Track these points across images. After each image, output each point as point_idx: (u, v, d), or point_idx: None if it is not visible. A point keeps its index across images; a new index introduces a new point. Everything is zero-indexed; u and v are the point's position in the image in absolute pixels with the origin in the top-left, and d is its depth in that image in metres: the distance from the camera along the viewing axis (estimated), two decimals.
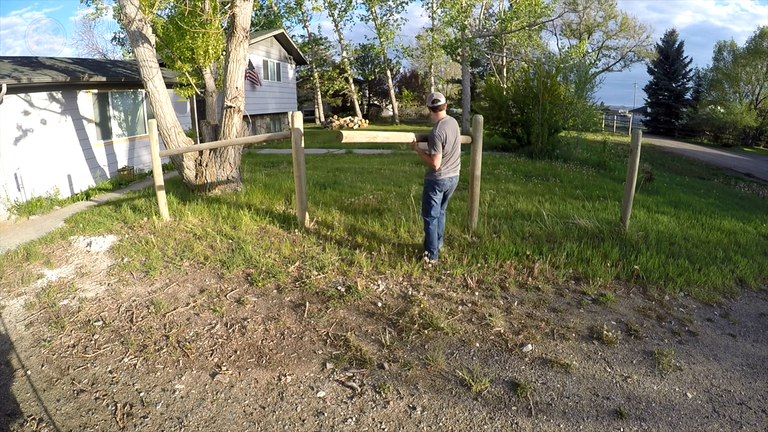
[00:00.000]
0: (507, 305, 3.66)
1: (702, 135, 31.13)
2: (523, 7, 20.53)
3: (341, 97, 31.19)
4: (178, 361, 3.02)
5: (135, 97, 9.62)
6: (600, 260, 4.39)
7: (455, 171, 4.22)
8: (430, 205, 4.23)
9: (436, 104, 4.02)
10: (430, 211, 4.25)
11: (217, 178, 6.93)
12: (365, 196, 6.70)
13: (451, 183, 4.22)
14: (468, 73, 23.79)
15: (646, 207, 6.69)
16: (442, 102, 4.03)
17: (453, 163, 4.16)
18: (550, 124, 11.92)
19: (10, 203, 6.58)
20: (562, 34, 34.75)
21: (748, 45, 30.09)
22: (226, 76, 6.59)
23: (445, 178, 4.14)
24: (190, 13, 8.84)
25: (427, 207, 4.25)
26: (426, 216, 4.29)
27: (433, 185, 4.18)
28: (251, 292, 3.93)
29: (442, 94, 4.06)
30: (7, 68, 7.02)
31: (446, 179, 4.16)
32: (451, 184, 4.25)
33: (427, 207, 4.26)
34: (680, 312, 3.62)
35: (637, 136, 4.88)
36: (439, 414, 2.52)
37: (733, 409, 2.56)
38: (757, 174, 16.69)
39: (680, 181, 11.55)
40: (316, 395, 2.68)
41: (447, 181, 4.17)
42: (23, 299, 3.91)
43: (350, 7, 26.95)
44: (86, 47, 38.49)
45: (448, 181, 4.18)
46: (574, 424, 2.44)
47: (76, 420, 2.51)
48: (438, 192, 4.20)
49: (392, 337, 3.21)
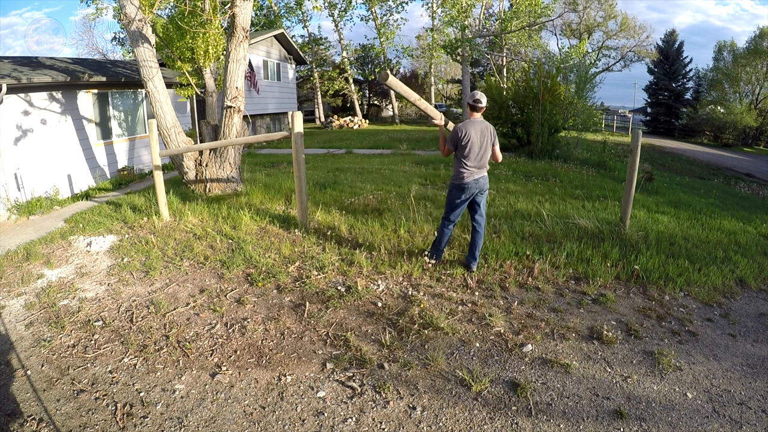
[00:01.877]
0: (507, 305, 3.66)
1: (702, 135, 31.14)
2: (523, 7, 20.54)
3: (341, 97, 31.21)
4: (178, 361, 3.02)
5: (135, 97, 9.62)
6: (600, 260, 4.39)
7: (481, 172, 3.98)
8: (452, 208, 4.08)
9: (477, 103, 3.86)
10: (450, 215, 4.11)
11: (217, 178, 6.93)
12: (365, 196, 6.69)
13: (477, 185, 3.96)
14: (468, 73, 23.80)
15: (646, 207, 6.68)
16: (483, 104, 3.86)
17: (477, 165, 3.92)
18: (550, 124, 11.92)
19: (10, 203, 6.57)
20: (562, 34, 34.78)
21: (748, 45, 30.12)
22: (226, 76, 6.59)
23: (470, 180, 3.92)
24: (190, 13, 8.84)
25: (449, 210, 4.10)
26: (444, 218, 4.16)
27: (458, 188, 3.99)
28: (251, 292, 3.93)
29: (484, 96, 3.91)
30: (7, 68, 7.02)
31: (471, 182, 3.93)
32: (478, 187, 3.98)
33: (449, 210, 4.11)
34: (680, 312, 3.62)
35: (637, 136, 4.88)
36: (439, 414, 2.52)
37: (733, 409, 2.56)
38: (757, 174, 16.69)
39: (680, 181, 11.55)
40: (316, 395, 2.67)
41: (472, 183, 3.93)
42: (23, 299, 3.91)
43: (350, 7, 26.99)
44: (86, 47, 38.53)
45: (473, 183, 3.94)
46: (574, 424, 2.44)
47: (76, 420, 2.51)
48: (464, 196, 3.98)
49: (392, 337, 3.21)
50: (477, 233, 4.17)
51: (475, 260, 4.23)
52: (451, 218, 4.14)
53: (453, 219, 4.14)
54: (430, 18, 26.69)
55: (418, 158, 11.53)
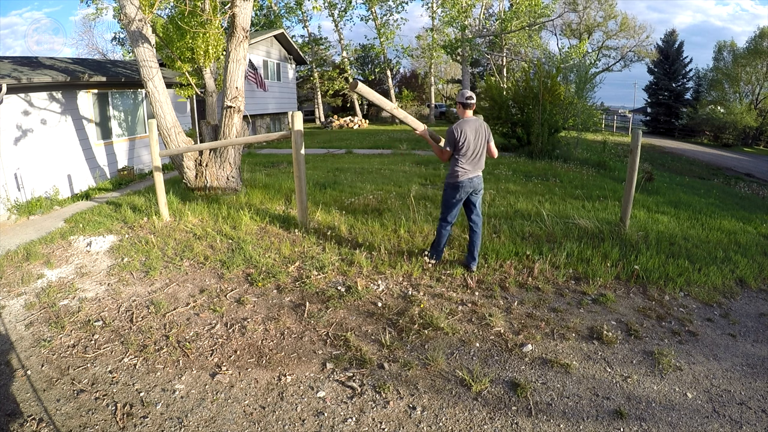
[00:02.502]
0: (507, 305, 3.66)
1: (702, 135, 31.14)
2: (523, 7, 20.55)
3: (341, 97, 31.21)
4: (178, 361, 3.02)
5: (135, 97, 9.62)
6: (600, 260, 4.39)
7: (476, 171, 3.99)
8: (448, 208, 4.07)
9: (469, 101, 3.88)
10: (447, 215, 4.10)
11: (217, 178, 6.92)
12: (365, 196, 6.69)
13: (471, 184, 3.99)
14: (468, 73, 23.81)
15: (646, 207, 6.68)
16: (474, 100, 3.91)
17: (473, 163, 3.94)
18: (550, 124, 11.92)
19: (10, 203, 6.57)
20: (562, 34, 34.79)
21: (748, 45, 30.13)
22: (226, 76, 6.59)
23: (464, 179, 3.94)
24: (190, 13, 8.84)
25: (445, 210, 4.09)
26: (442, 219, 4.15)
27: (452, 187, 3.99)
28: (251, 292, 3.93)
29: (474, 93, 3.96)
30: (7, 68, 7.02)
31: (465, 180, 3.94)
32: (472, 186, 4.01)
33: (445, 210, 4.10)
34: (680, 312, 3.62)
35: (637, 136, 4.88)
36: (439, 414, 2.52)
37: (733, 409, 2.56)
38: (757, 174, 16.69)
39: (680, 181, 11.55)
40: (316, 395, 2.67)
41: (467, 182, 3.95)
42: (23, 299, 3.91)
43: (350, 7, 27.00)
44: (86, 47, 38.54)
45: (467, 182, 3.96)
46: (574, 424, 2.44)
47: (76, 420, 2.51)
48: (458, 195, 4.00)
49: (392, 337, 3.21)
50: (475, 233, 4.18)
51: (475, 260, 4.23)
52: (448, 219, 4.13)
53: (450, 219, 4.14)
54: (430, 18, 26.73)
55: (418, 158, 11.53)
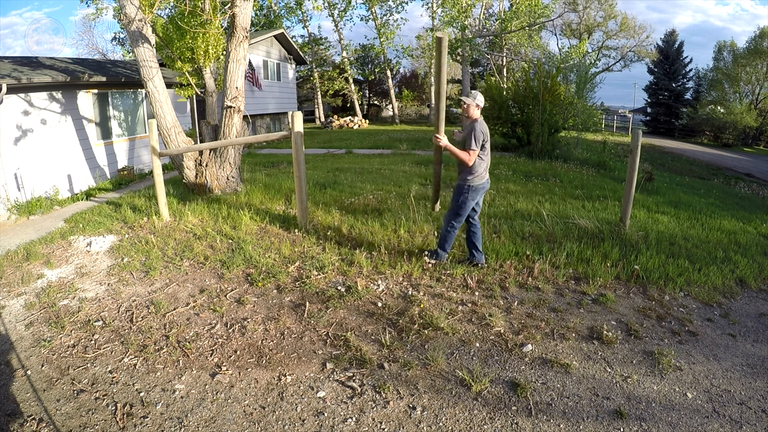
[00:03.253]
0: (507, 305, 3.66)
1: (702, 135, 31.14)
2: (523, 7, 20.55)
3: (341, 97, 31.19)
4: (178, 361, 3.02)
5: (135, 97, 9.62)
6: (600, 260, 4.39)
7: (487, 173, 4.01)
8: (463, 210, 4.01)
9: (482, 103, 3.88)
10: (460, 218, 4.05)
11: (217, 178, 6.93)
12: (365, 196, 6.69)
13: (483, 188, 4.02)
14: (468, 73, 23.82)
15: (646, 207, 6.68)
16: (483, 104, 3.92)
17: (487, 166, 3.97)
18: (550, 124, 11.92)
19: (10, 203, 6.57)
20: (562, 34, 34.76)
21: (748, 45, 30.12)
22: (226, 76, 6.59)
23: (484, 181, 3.96)
24: (190, 13, 8.84)
25: (460, 213, 4.02)
26: (453, 220, 4.08)
27: (473, 190, 3.93)
28: (251, 292, 3.93)
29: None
30: (7, 68, 7.02)
31: (485, 182, 3.98)
32: (484, 189, 4.04)
33: (458, 212, 4.03)
34: (680, 312, 3.62)
35: (637, 136, 4.88)
36: (439, 414, 2.52)
37: (733, 409, 2.56)
38: (757, 174, 16.69)
39: (680, 181, 11.55)
40: (316, 395, 2.67)
41: (486, 184, 4.00)
42: (23, 299, 3.91)
43: (350, 7, 26.98)
44: (86, 47, 38.53)
45: (486, 184, 4.01)
46: (574, 424, 2.44)
47: (76, 420, 2.51)
48: (477, 197, 3.99)
49: (392, 337, 3.21)
50: (476, 233, 4.21)
51: (482, 254, 4.29)
52: (461, 220, 4.10)
53: (461, 222, 4.12)
54: (430, 18, 26.69)
55: (418, 158, 11.53)
